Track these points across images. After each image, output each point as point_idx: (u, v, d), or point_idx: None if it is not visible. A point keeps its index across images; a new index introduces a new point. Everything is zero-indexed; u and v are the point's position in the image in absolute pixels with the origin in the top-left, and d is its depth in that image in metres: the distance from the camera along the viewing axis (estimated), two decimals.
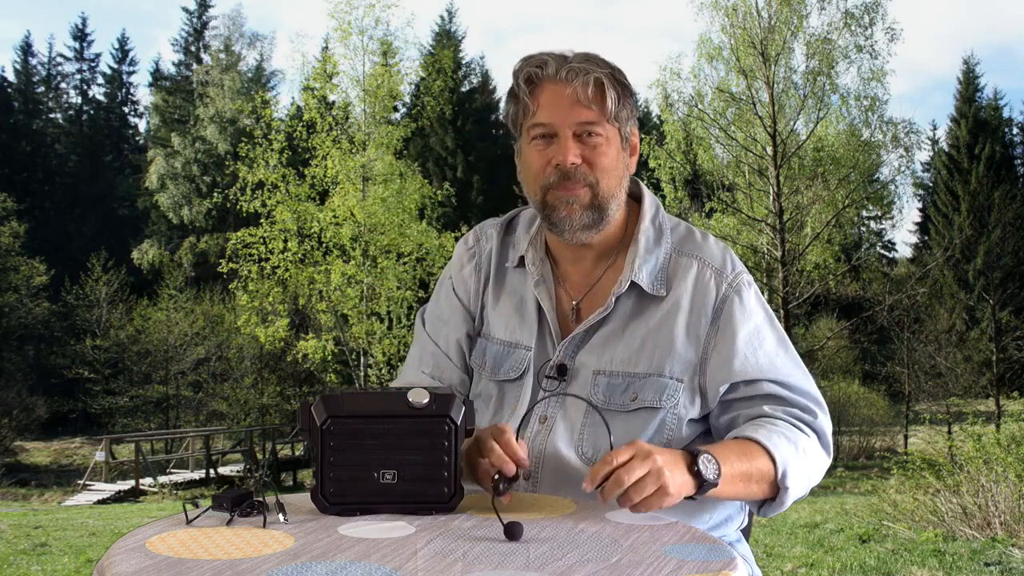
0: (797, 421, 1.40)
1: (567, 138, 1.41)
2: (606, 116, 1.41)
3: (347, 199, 18.89)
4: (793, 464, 1.34)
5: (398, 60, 20.65)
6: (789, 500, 1.38)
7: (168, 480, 19.56)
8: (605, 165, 1.43)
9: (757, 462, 1.32)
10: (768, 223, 20.14)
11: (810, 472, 1.38)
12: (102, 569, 0.99)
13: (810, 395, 1.44)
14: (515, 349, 1.51)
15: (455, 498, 1.22)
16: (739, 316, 1.44)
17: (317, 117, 19.28)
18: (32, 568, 6.20)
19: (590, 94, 1.40)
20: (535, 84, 1.43)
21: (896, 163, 21.12)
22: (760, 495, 1.37)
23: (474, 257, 1.61)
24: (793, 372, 1.45)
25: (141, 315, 29.55)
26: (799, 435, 1.38)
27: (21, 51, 43.87)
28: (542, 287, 1.51)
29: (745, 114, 20.45)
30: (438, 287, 1.66)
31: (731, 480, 1.29)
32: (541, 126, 1.43)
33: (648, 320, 1.45)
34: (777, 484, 1.34)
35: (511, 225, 1.62)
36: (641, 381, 1.42)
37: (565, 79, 1.40)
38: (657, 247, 1.49)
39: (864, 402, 27.54)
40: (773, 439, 1.34)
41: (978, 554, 5.49)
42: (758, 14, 19.96)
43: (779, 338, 1.48)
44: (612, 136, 1.43)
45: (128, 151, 45.88)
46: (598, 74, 1.40)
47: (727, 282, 1.46)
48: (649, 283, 1.46)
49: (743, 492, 1.33)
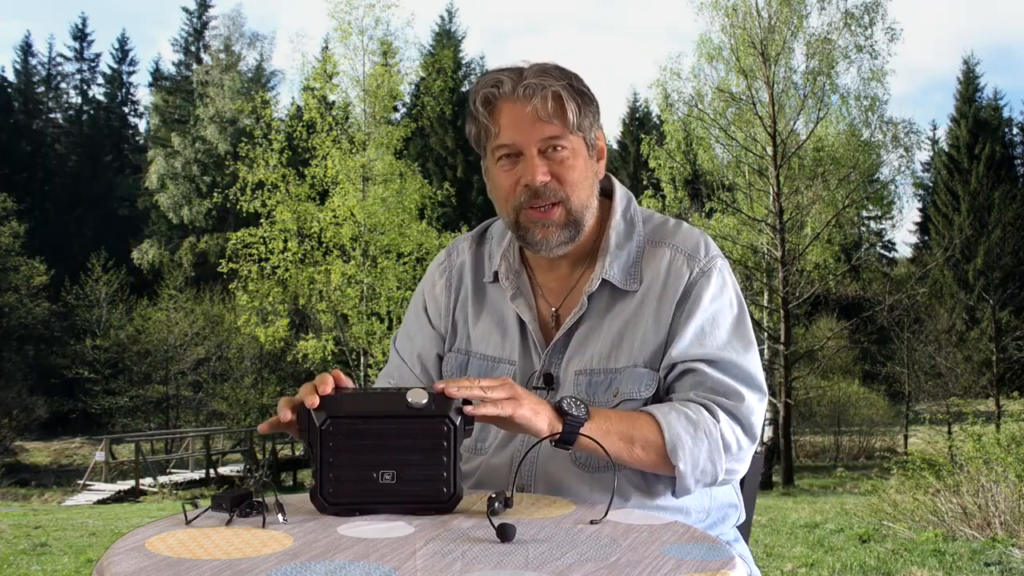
0: (714, 405, 1.38)
1: (533, 156, 1.39)
2: (569, 128, 1.39)
3: (347, 199, 18.89)
4: (685, 442, 1.33)
5: (398, 60, 20.69)
6: (690, 481, 1.35)
7: (168, 480, 19.57)
8: (574, 179, 1.41)
9: (642, 429, 1.33)
10: (768, 223, 20.14)
11: (714, 456, 1.35)
12: (102, 569, 0.99)
13: (747, 377, 1.41)
14: (499, 364, 1.50)
15: (454, 498, 1.22)
16: (704, 299, 1.43)
17: (317, 117, 19.29)
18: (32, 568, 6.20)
19: (550, 109, 1.37)
20: (493, 104, 1.41)
21: (896, 163, 21.17)
22: (650, 464, 1.35)
23: (445, 273, 1.60)
24: (737, 355, 1.42)
25: (141, 315, 29.58)
26: (704, 417, 1.36)
27: (21, 51, 43.97)
28: (520, 300, 1.50)
29: (745, 114, 20.46)
30: (410, 305, 1.66)
31: (607, 433, 1.30)
32: (505, 147, 1.41)
33: (623, 314, 1.45)
34: (668, 458, 1.33)
35: (483, 237, 1.61)
36: (620, 375, 1.42)
37: (523, 96, 1.37)
38: (628, 241, 1.48)
39: (864, 402, 27.57)
40: (669, 415, 1.34)
41: (978, 554, 5.49)
42: (758, 14, 19.96)
43: (735, 321, 1.45)
44: (578, 147, 1.42)
45: (128, 151, 45.91)
46: (556, 87, 1.38)
47: (699, 266, 1.45)
48: (621, 278, 1.45)
49: (626, 453, 1.32)
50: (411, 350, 1.60)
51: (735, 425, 1.38)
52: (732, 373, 1.41)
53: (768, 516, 8.79)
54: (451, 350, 1.56)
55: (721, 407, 1.38)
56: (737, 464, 1.40)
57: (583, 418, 1.28)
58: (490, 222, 1.63)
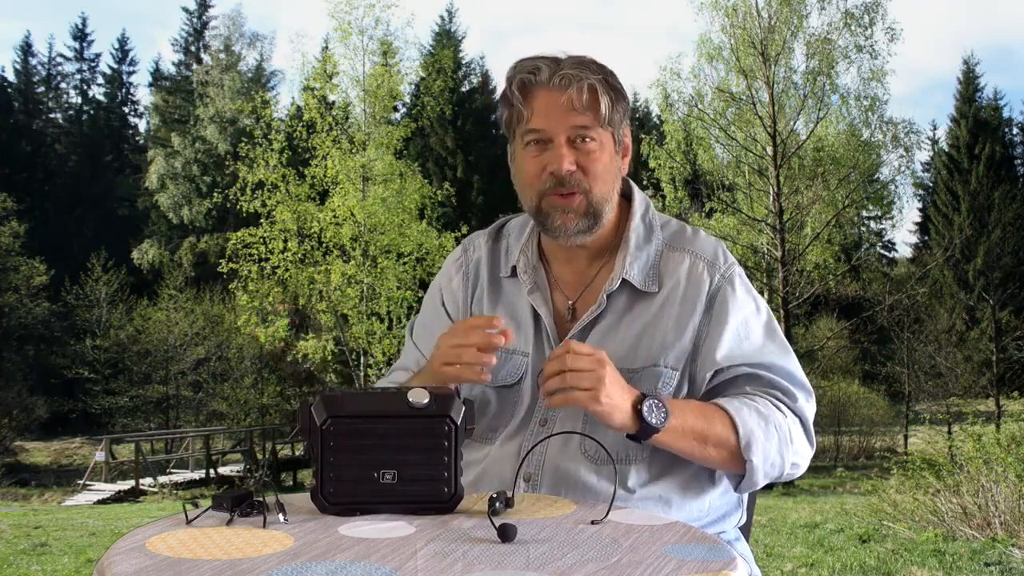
0: (776, 401, 1.42)
1: (561, 145, 1.41)
2: (600, 122, 1.42)
3: (347, 199, 18.89)
4: (758, 436, 1.36)
5: (398, 60, 20.67)
6: (760, 476, 1.38)
7: (168, 480, 19.57)
8: (599, 171, 1.44)
9: (716, 426, 1.35)
10: (768, 223, 20.14)
11: (783, 450, 1.39)
12: (102, 569, 0.98)
13: (794, 379, 1.46)
14: (512, 355, 1.51)
15: (455, 498, 1.22)
16: (731, 306, 1.46)
17: (317, 117, 19.28)
18: (32, 568, 6.20)
19: (584, 100, 1.40)
20: (528, 90, 1.43)
21: (896, 163, 21.17)
22: (720, 462, 1.38)
23: (461, 268, 1.62)
24: (778, 358, 1.46)
25: (141, 315, 29.56)
26: (774, 412, 1.40)
27: (21, 51, 43.95)
28: (537, 294, 1.52)
29: (745, 114, 20.46)
30: (426, 299, 1.68)
31: (681, 434, 1.33)
32: (535, 132, 1.43)
33: (642, 316, 1.46)
34: (741, 455, 1.36)
35: (500, 234, 1.63)
36: (638, 375, 1.43)
37: (559, 86, 1.40)
38: (647, 244, 1.51)
39: (864, 402, 27.55)
40: (742, 411, 1.37)
41: (978, 554, 5.49)
42: (758, 14, 19.97)
43: (767, 326, 1.49)
44: (606, 141, 1.44)
45: (128, 151, 45.90)
46: (592, 80, 1.40)
47: (720, 273, 1.48)
48: (641, 279, 1.47)
49: (698, 452, 1.36)
50: (430, 341, 1.60)
51: (796, 421, 1.43)
52: (781, 375, 1.45)
53: (768, 516, 8.79)
54: None
55: (785, 405, 1.42)
56: (800, 459, 1.43)
57: (659, 427, 1.30)
58: (506, 219, 1.65)
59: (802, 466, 1.45)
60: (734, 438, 1.35)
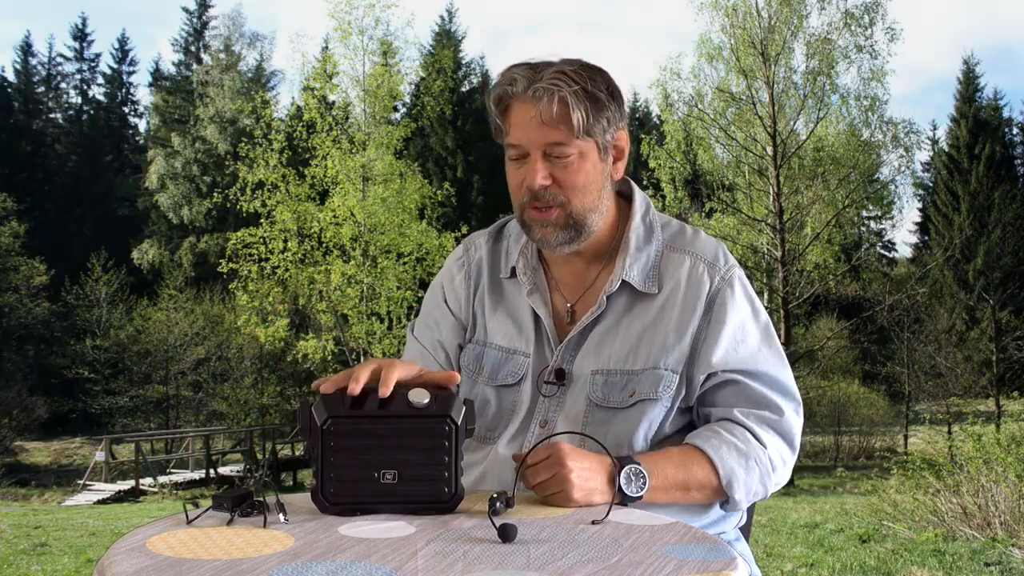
0: (757, 425, 1.42)
1: (536, 160, 1.40)
2: (575, 133, 1.37)
3: (347, 199, 18.89)
4: (739, 474, 1.39)
5: (398, 60, 20.68)
6: (743, 505, 1.42)
7: (168, 480, 19.57)
8: (577, 183, 1.41)
9: (696, 473, 1.37)
10: (768, 223, 20.14)
11: (764, 480, 1.42)
12: (102, 569, 0.98)
13: (785, 389, 1.46)
14: (513, 355, 1.52)
15: (455, 498, 1.22)
16: (729, 308, 1.46)
17: (317, 117, 19.28)
18: (32, 568, 6.20)
19: (555, 114, 1.35)
20: (505, 103, 1.41)
21: (896, 163, 21.17)
22: (704, 500, 1.41)
23: (464, 267, 1.62)
24: (771, 366, 1.47)
25: (141, 315, 29.58)
26: (753, 446, 1.41)
27: (21, 51, 43.97)
28: (536, 295, 1.52)
29: (745, 114, 20.46)
30: (427, 297, 1.67)
31: (664, 490, 1.35)
32: (513, 147, 1.42)
33: (643, 317, 1.46)
34: (724, 491, 1.39)
35: (500, 234, 1.63)
36: (638, 376, 1.43)
37: (533, 98, 1.36)
38: (648, 245, 1.50)
39: (864, 402, 27.57)
40: (721, 450, 1.38)
41: (978, 554, 5.49)
42: (758, 14, 19.96)
43: (764, 331, 1.49)
44: (587, 150, 1.40)
45: (128, 151, 45.92)
46: (564, 93, 1.35)
47: (720, 275, 1.48)
48: (641, 281, 1.47)
49: (682, 499, 1.38)
50: (432, 338, 1.61)
51: (779, 441, 1.44)
52: (771, 385, 1.45)
53: (768, 516, 8.79)
54: (470, 341, 1.58)
55: (766, 423, 1.43)
56: (782, 478, 1.46)
57: (640, 496, 1.31)
58: (507, 220, 1.64)
59: (784, 481, 1.47)
60: (715, 479, 1.37)
